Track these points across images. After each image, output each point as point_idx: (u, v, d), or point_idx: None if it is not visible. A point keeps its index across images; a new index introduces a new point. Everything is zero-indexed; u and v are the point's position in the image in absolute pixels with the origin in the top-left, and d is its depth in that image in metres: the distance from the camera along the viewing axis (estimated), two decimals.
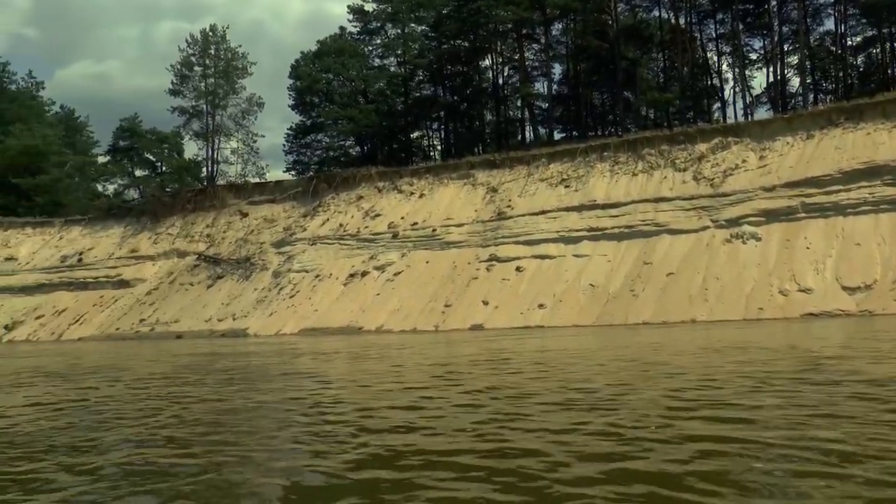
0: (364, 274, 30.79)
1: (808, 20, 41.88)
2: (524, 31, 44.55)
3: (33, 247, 41.88)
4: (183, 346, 21.62)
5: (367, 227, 33.62)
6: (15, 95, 55.38)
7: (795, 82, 44.67)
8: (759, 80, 66.14)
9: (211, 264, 34.21)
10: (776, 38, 41.61)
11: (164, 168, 46.34)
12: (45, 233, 42.84)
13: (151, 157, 47.06)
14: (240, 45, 42.65)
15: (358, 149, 44.47)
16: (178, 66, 41.80)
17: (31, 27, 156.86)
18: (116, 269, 37.06)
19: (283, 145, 45.10)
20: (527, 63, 46.21)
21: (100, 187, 53.56)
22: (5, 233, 43.40)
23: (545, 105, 47.48)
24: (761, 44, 45.22)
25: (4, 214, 44.74)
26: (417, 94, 45.36)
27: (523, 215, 30.22)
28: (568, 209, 29.56)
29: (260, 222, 36.61)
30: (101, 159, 51.89)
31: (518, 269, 27.86)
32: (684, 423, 4.40)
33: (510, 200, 31.55)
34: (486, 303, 26.54)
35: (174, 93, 41.88)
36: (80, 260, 38.76)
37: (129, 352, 19.78)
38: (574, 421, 4.62)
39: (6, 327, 36.24)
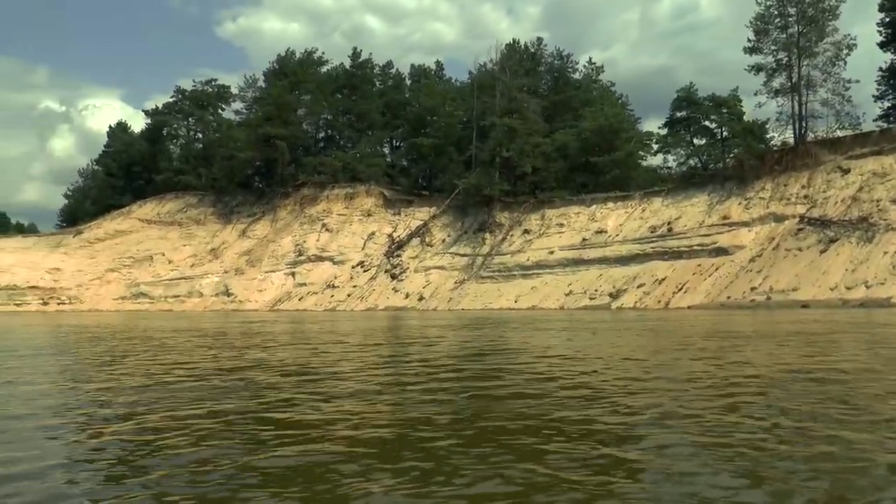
0: None
1: None
2: None
3: (618, 219, 45.42)
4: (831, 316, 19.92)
5: None
6: (578, 83, 61.23)
7: None
8: None
9: (818, 227, 32.51)
10: None
11: (724, 133, 45.89)
12: (626, 206, 46.04)
13: (710, 125, 47.10)
14: None
15: None
16: (756, 22, 40.27)
17: (544, 30, 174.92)
18: (710, 237, 37.76)
19: (876, 90, 40.49)
20: None
21: (655, 159, 55.69)
22: (589, 209, 48.03)
23: None
24: None
25: (586, 192, 49.47)
26: None
27: None
28: None
29: (868, 177, 33.49)
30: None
31: None
32: None
33: None
34: None
35: (752, 50, 40.40)
36: (669, 230, 40.60)
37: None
38: None
39: (611, 295, 39.82)
